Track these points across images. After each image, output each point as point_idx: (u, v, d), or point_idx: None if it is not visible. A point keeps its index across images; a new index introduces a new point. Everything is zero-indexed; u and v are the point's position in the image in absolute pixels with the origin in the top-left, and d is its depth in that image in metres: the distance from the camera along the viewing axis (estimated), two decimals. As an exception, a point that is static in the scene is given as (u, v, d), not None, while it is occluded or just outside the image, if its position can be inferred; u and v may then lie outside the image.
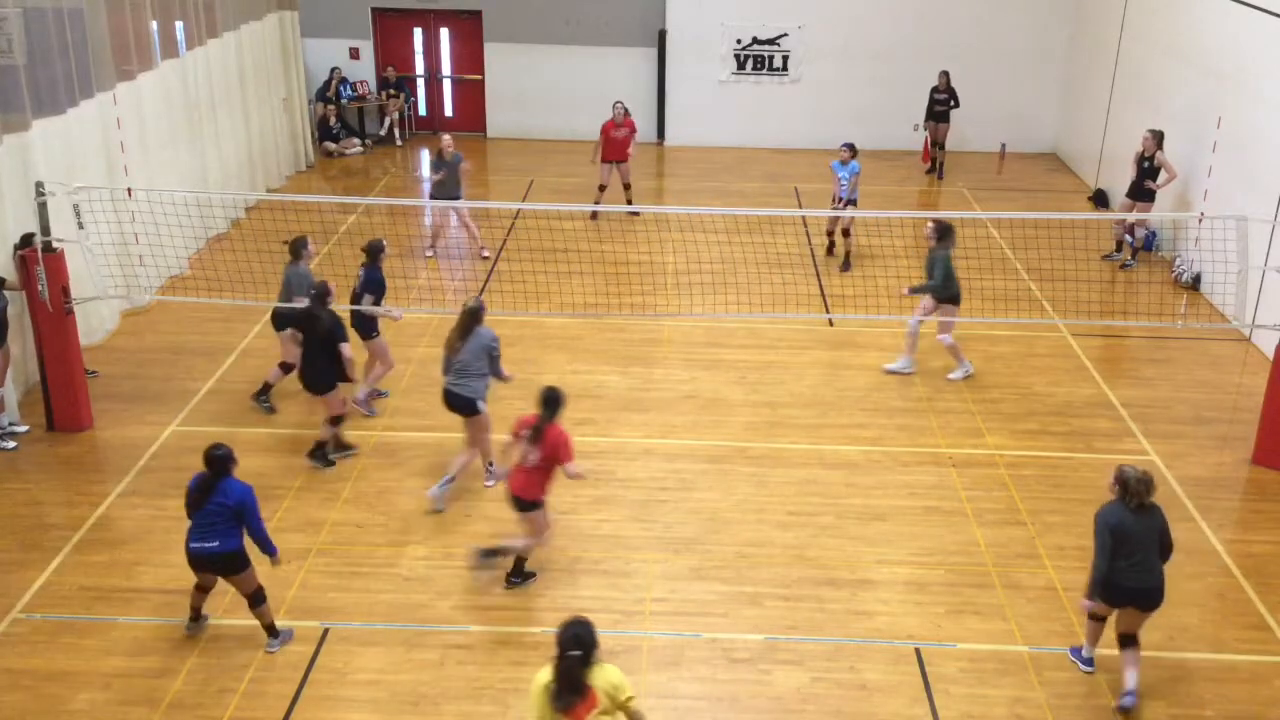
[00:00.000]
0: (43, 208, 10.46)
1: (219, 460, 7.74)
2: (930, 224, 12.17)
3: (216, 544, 7.72)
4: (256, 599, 8.01)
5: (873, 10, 20.55)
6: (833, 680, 7.99)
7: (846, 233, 15.25)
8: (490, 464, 10.15)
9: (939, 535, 9.65)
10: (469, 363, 9.64)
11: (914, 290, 12.25)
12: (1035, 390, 12.15)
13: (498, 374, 9.88)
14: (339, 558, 9.19)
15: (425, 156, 20.76)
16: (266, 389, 11.41)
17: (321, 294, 10.16)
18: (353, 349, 10.37)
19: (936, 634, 8.47)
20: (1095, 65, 19.16)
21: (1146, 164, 15.10)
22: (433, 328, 13.28)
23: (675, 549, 9.40)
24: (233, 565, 7.84)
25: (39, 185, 10.49)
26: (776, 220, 16.27)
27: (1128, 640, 7.70)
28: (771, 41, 20.92)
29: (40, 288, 10.43)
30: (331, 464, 10.43)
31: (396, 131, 21.15)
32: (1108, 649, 8.12)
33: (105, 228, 11.88)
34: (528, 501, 8.51)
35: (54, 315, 10.59)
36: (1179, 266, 15.13)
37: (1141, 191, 15.23)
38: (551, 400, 8.41)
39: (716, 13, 20.72)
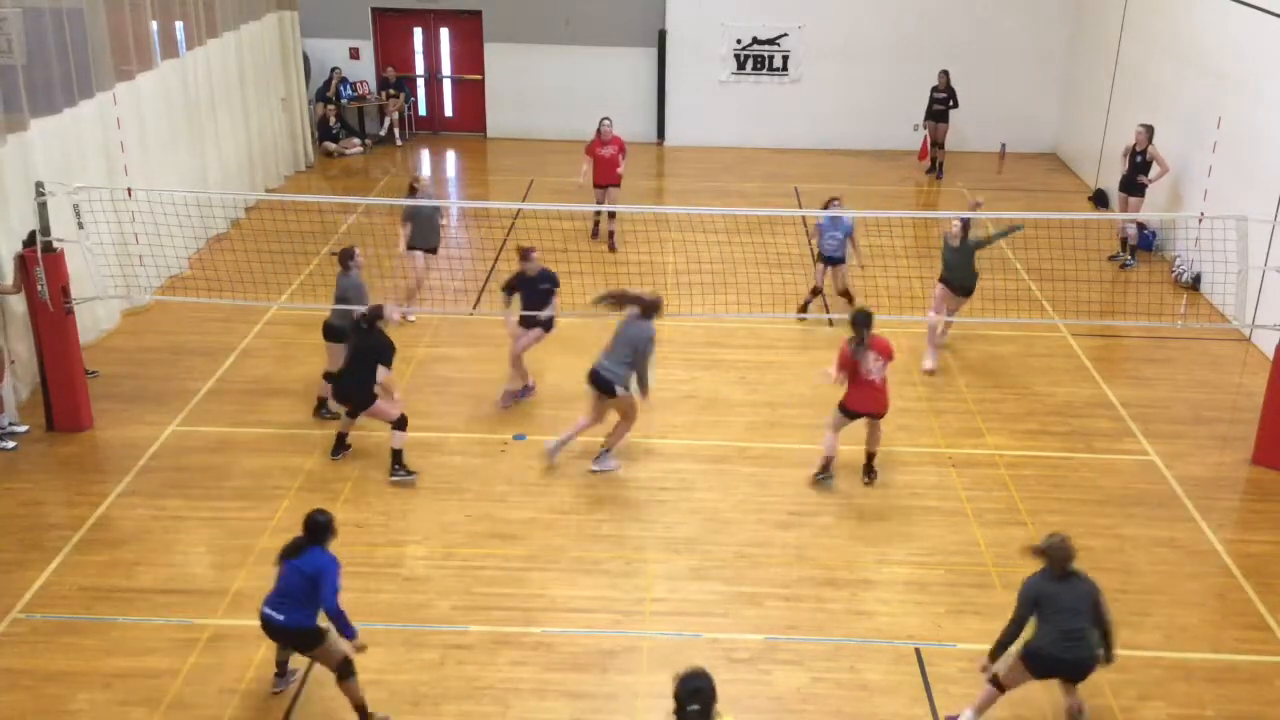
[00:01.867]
0: (43, 208, 10.46)
1: (317, 527, 7.24)
2: (957, 223, 12.33)
3: (284, 618, 7.18)
4: (342, 673, 7.34)
5: (873, 10, 20.55)
6: (833, 680, 7.99)
7: (847, 293, 13.59)
8: (607, 449, 10.46)
9: (939, 535, 9.65)
10: (616, 348, 10.14)
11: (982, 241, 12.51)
12: (1035, 390, 12.15)
13: (640, 374, 10.18)
14: (339, 557, 9.15)
15: (425, 158, 20.81)
16: (322, 403, 11.25)
17: (375, 316, 10.05)
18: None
19: (936, 634, 8.47)
20: (1095, 65, 19.17)
21: (1139, 158, 15.17)
22: (432, 328, 13.28)
23: (675, 549, 9.40)
24: (305, 642, 7.29)
25: (39, 185, 10.50)
26: (776, 220, 16.27)
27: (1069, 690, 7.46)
28: (771, 41, 20.92)
29: (40, 288, 10.43)
30: (413, 474, 10.22)
31: (396, 131, 21.16)
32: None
33: (105, 228, 11.88)
34: (884, 412, 10.04)
35: (54, 315, 10.59)
36: (1179, 266, 15.13)
37: (1133, 185, 15.31)
38: (864, 318, 9.72)
39: (716, 13, 20.73)
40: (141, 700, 7.66)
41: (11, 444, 10.64)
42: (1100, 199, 18.23)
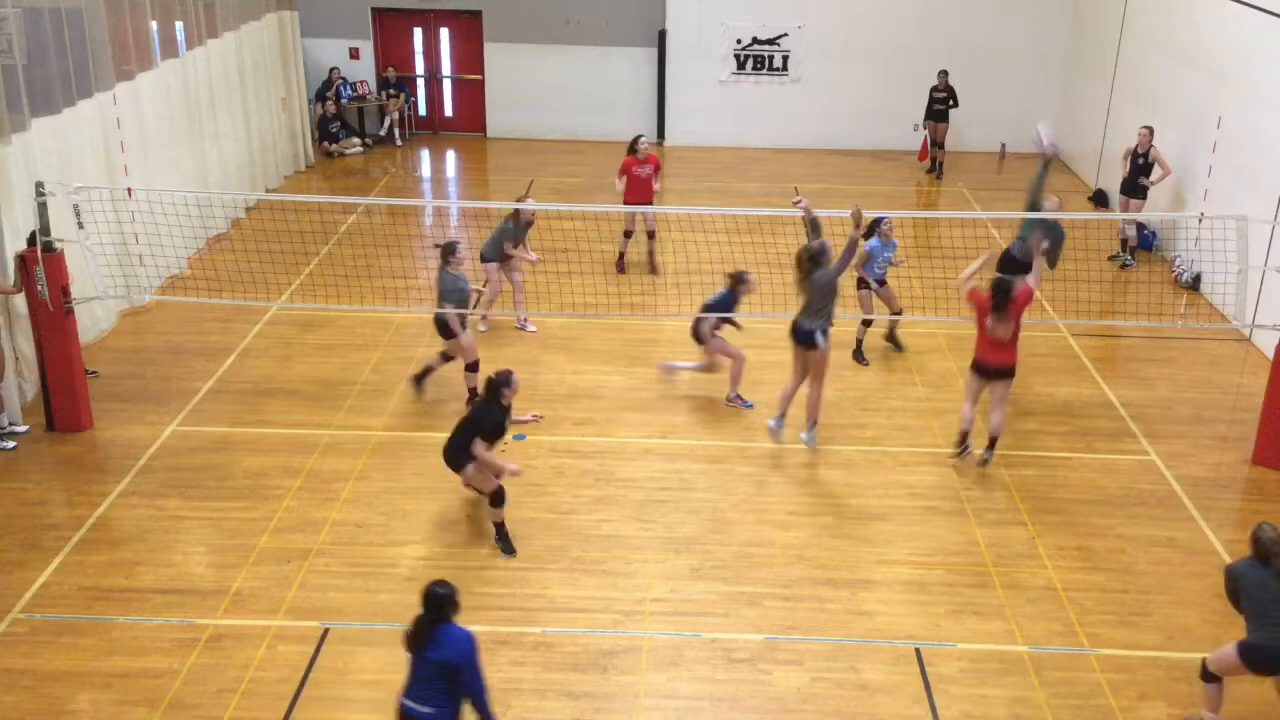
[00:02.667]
0: (43, 208, 10.46)
1: (438, 601, 6.41)
2: (1055, 199, 12.10)
3: (432, 711, 6.37)
4: None
5: (873, 10, 20.56)
6: (833, 680, 7.99)
7: (900, 312, 12.85)
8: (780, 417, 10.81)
9: (939, 535, 9.65)
10: (810, 302, 10.41)
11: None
12: (1035, 390, 12.15)
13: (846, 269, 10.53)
14: (339, 558, 9.18)
15: (425, 157, 20.82)
16: (426, 372, 11.69)
17: (502, 383, 9.20)
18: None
19: (936, 634, 8.47)
20: (1095, 65, 19.17)
21: (1141, 160, 15.15)
22: (432, 329, 13.25)
23: (675, 549, 9.40)
24: None
25: (39, 185, 10.50)
26: (776, 220, 16.23)
27: None
28: (771, 41, 20.93)
29: (40, 288, 10.43)
30: (512, 551, 9.27)
31: (396, 131, 21.17)
32: (1108, 650, 8.15)
33: (105, 228, 11.88)
34: (1009, 368, 10.19)
35: (54, 315, 10.60)
36: (1179, 266, 15.13)
37: (1135, 188, 15.29)
38: (1005, 286, 9.94)
39: (716, 13, 20.73)
40: (141, 700, 7.67)
41: (11, 444, 10.64)
42: (1100, 199, 18.23)
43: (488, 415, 9.22)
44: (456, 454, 9.27)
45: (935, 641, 8.40)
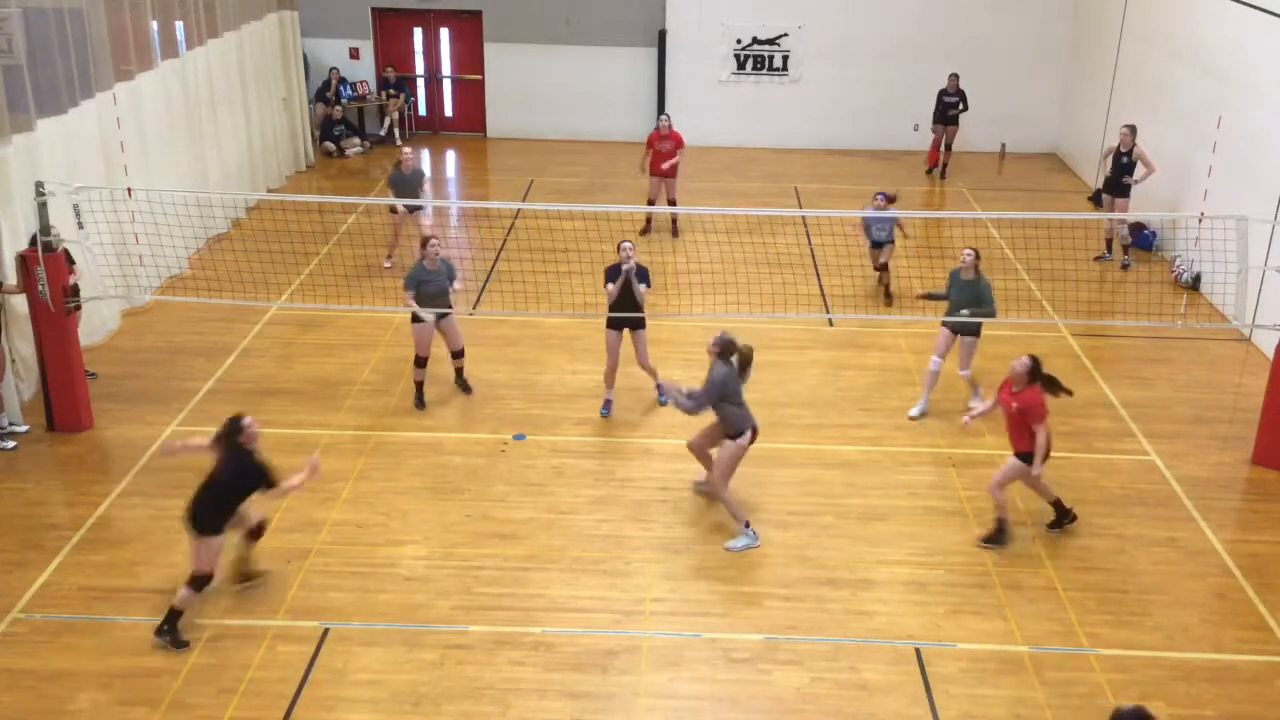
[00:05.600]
0: (43, 208, 10.46)
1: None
2: (971, 251, 11.28)
3: None
4: None
5: (873, 10, 20.55)
6: (833, 680, 7.99)
7: (885, 267, 14.20)
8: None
9: (939, 535, 9.65)
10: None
11: (951, 314, 11.35)
12: (1035, 390, 12.13)
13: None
14: (339, 558, 9.18)
15: (426, 156, 20.81)
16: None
17: (235, 431, 8.16)
18: None
19: (936, 634, 8.47)
20: (1095, 65, 19.17)
21: (1125, 159, 15.15)
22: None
23: (675, 549, 9.40)
24: None
25: (39, 185, 10.50)
26: (776, 220, 16.26)
27: None
28: (771, 41, 20.92)
29: (40, 288, 10.43)
30: (185, 645, 8.14)
31: (396, 132, 21.15)
32: (1108, 650, 8.15)
33: (105, 228, 11.88)
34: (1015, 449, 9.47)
35: (54, 315, 10.59)
36: (1179, 266, 15.13)
37: (1119, 187, 15.29)
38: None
39: (716, 13, 20.73)
40: (141, 700, 7.67)
41: (11, 444, 10.64)
42: (1100, 199, 18.21)
43: (249, 467, 8.16)
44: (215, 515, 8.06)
45: (935, 641, 8.40)
